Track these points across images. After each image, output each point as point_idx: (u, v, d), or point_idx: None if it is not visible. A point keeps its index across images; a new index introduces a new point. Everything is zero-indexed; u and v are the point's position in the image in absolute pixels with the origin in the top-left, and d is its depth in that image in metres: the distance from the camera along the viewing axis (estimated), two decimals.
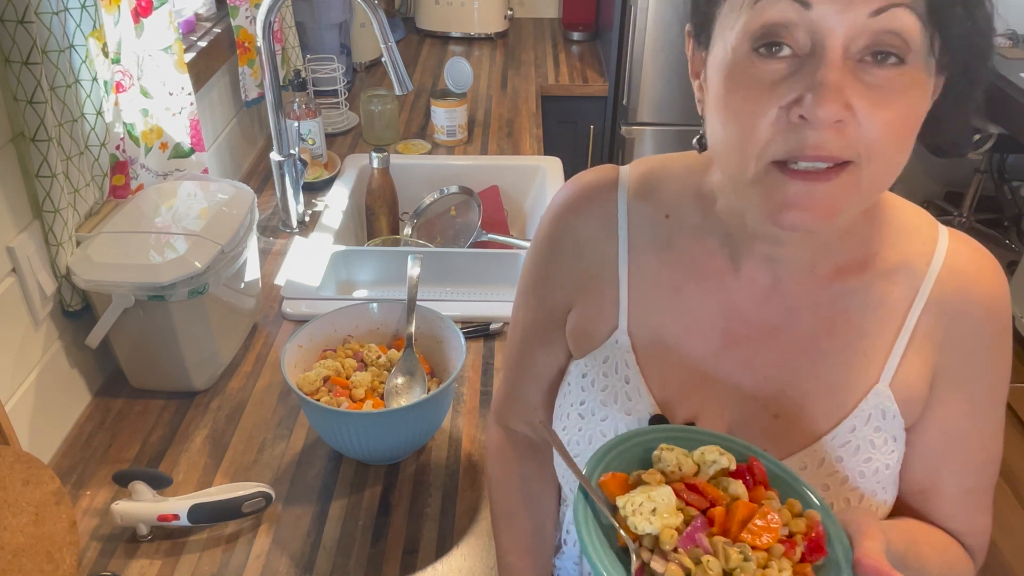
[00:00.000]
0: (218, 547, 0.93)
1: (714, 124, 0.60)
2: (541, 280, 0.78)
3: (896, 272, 0.67)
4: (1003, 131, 2.87)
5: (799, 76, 0.53)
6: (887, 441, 0.67)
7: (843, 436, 0.67)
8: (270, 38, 1.39)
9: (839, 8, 0.52)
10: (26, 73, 0.94)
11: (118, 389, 1.16)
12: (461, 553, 0.93)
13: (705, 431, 0.65)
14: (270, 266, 1.45)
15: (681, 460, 0.59)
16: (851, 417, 0.67)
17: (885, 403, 0.67)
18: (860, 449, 0.67)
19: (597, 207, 0.73)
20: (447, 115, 1.89)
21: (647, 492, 0.56)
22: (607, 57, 2.42)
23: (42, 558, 0.83)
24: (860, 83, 0.53)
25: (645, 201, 0.72)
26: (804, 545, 0.55)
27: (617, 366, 0.72)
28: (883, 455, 0.67)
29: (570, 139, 2.46)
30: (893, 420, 0.67)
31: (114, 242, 1.07)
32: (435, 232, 1.71)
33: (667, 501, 0.55)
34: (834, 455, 0.67)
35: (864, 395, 0.67)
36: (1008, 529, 2.24)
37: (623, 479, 0.59)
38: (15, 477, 0.84)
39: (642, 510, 0.54)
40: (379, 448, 1.00)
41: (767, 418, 0.69)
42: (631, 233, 0.72)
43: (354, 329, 1.10)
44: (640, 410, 0.71)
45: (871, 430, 0.67)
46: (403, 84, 1.38)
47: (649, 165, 0.75)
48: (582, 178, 0.76)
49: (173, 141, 1.32)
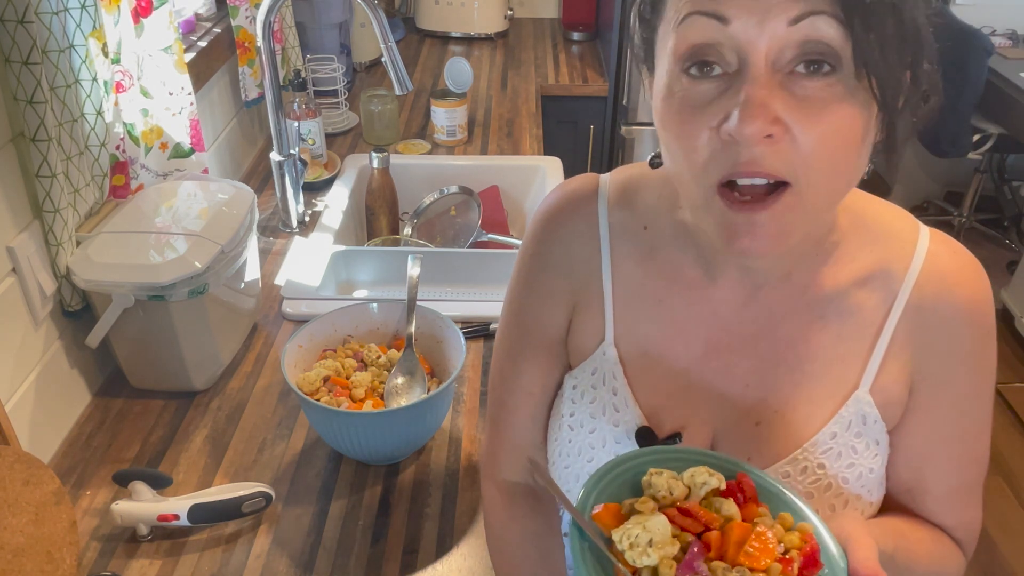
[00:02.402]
0: (218, 547, 0.93)
1: (663, 148, 0.60)
2: (529, 297, 0.77)
3: (873, 278, 0.66)
4: (1003, 131, 2.87)
5: (728, 95, 0.53)
6: (869, 446, 0.67)
7: (824, 443, 0.66)
8: (270, 38, 1.39)
9: (757, 20, 0.51)
10: (26, 73, 0.94)
11: (118, 389, 1.16)
12: (461, 553, 0.93)
13: (690, 449, 0.65)
14: (270, 266, 1.45)
15: (671, 484, 0.59)
16: (832, 423, 0.66)
17: (865, 408, 0.66)
18: (842, 455, 0.67)
19: (581, 217, 0.73)
20: (447, 115, 1.89)
21: (642, 523, 0.55)
22: (607, 57, 2.42)
23: (42, 558, 0.83)
24: (791, 96, 0.52)
25: (624, 212, 0.72)
26: (800, 560, 0.55)
27: (605, 378, 0.72)
28: (866, 460, 0.67)
29: (570, 139, 2.46)
30: (875, 425, 0.67)
31: (114, 242, 1.07)
32: (435, 232, 1.71)
33: (663, 530, 0.55)
34: (816, 462, 0.67)
35: (844, 401, 0.66)
36: (1008, 529, 2.24)
37: (616, 510, 0.58)
38: (15, 477, 0.84)
39: (638, 542, 0.54)
40: (379, 448, 1.00)
41: (749, 426, 0.68)
42: (613, 244, 0.72)
43: (354, 329, 1.10)
44: (628, 421, 0.71)
45: (852, 436, 0.67)
46: (403, 84, 1.38)
47: (628, 174, 0.75)
48: (566, 187, 0.76)
49: (173, 141, 1.32)
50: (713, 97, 0.54)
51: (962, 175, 3.44)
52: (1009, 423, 2.57)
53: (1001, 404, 2.62)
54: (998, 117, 2.87)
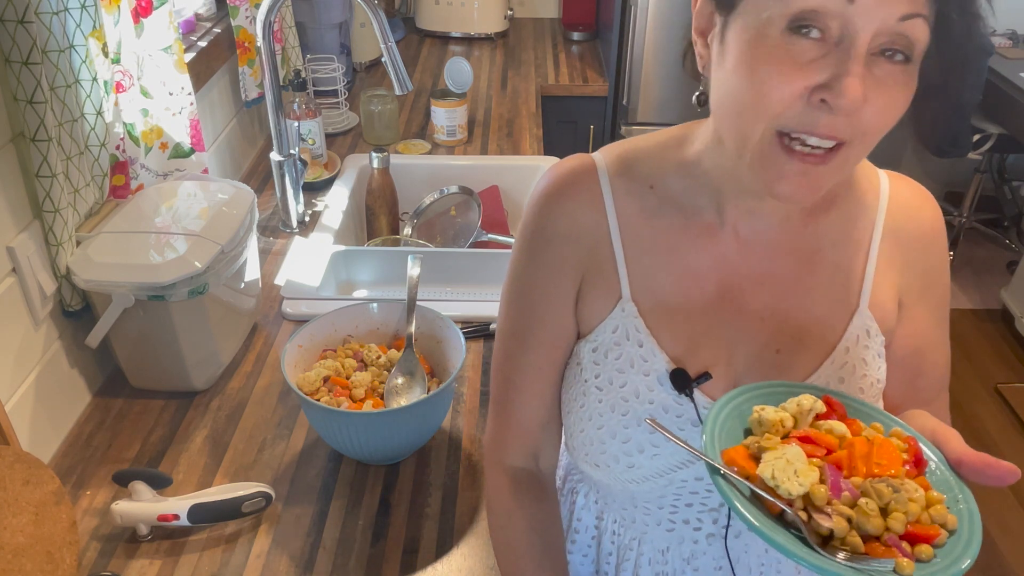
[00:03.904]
0: (218, 547, 0.93)
1: (727, 85, 0.63)
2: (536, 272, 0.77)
3: (854, 208, 0.75)
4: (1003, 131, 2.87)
5: (827, 60, 0.57)
6: (875, 358, 0.75)
7: (840, 358, 0.74)
8: (270, 38, 1.40)
9: (876, 5, 0.56)
10: (26, 73, 0.94)
11: (118, 389, 1.16)
12: (461, 553, 0.93)
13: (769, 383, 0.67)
14: (270, 266, 1.45)
15: (781, 416, 0.62)
16: (843, 340, 0.74)
17: (868, 323, 0.75)
18: (856, 368, 0.74)
19: (582, 189, 0.75)
20: (447, 115, 1.89)
21: (781, 455, 0.57)
22: (607, 57, 2.42)
23: (42, 558, 0.83)
24: (870, 75, 0.57)
25: (627, 177, 0.76)
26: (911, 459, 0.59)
27: (628, 333, 0.75)
28: (874, 371, 0.75)
29: (570, 139, 2.46)
30: (876, 338, 0.75)
31: (114, 242, 1.07)
32: (435, 232, 1.71)
33: (802, 459, 0.57)
34: (836, 376, 0.74)
35: (850, 319, 0.74)
36: (1008, 529, 2.24)
37: (743, 451, 0.60)
38: (15, 477, 0.84)
39: (785, 473, 0.56)
40: (379, 448, 1.00)
41: (771, 354, 0.74)
42: (618, 207, 0.75)
43: (354, 329, 1.10)
44: (658, 369, 0.74)
45: (862, 348, 0.74)
46: (403, 84, 1.38)
47: (622, 147, 0.78)
48: (560, 166, 0.78)
49: (173, 141, 1.32)
50: (812, 58, 0.58)
51: (962, 175, 3.44)
52: (1009, 423, 2.57)
53: (1001, 404, 2.62)
54: (998, 117, 2.87)
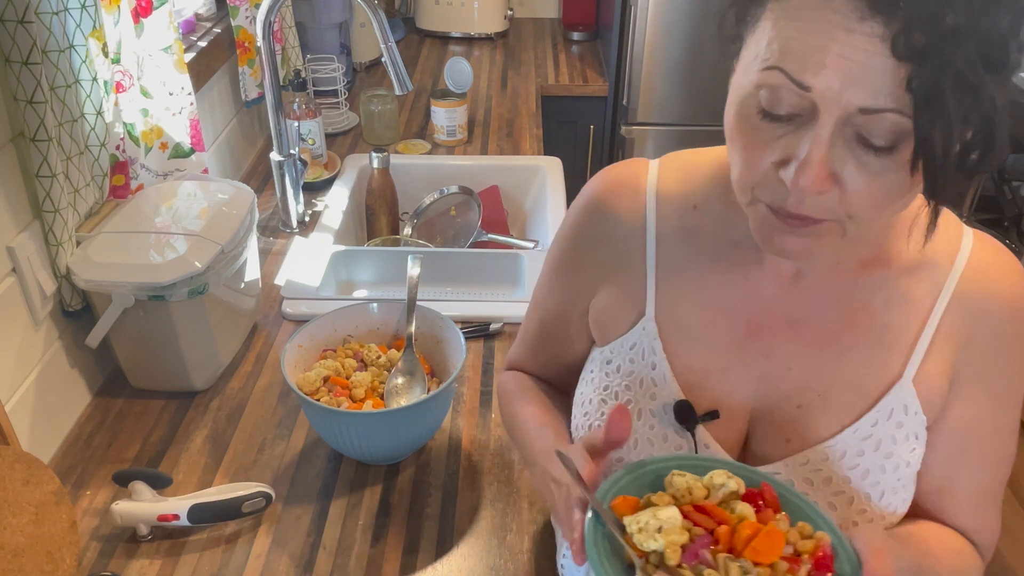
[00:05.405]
0: (218, 547, 0.93)
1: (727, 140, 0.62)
2: (567, 265, 0.80)
3: (920, 268, 0.67)
4: None
5: (793, 137, 0.55)
6: (908, 438, 0.67)
7: (865, 430, 0.67)
8: (270, 38, 1.39)
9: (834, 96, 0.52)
10: (26, 73, 0.94)
11: (118, 389, 1.16)
12: (461, 553, 0.93)
13: (721, 459, 0.67)
14: (270, 266, 1.45)
15: (692, 484, 0.61)
16: (873, 411, 0.67)
17: (908, 399, 0.67)
18: (881, 444, 0.67)
19: (626, 198, 0.75)
20: (447, 115, 1.89)
21: (654, 512, 0.58)
22: (607, 57, 2.42)
23: (42, 558, 0.83)
24: (851, 156, 0.54)
25: (674, 192, 0.74)
26: (811, 564, 0.56)
27: (644, 352, 0.73)
28: (904, 452, 0.67)
29: (570, 139, 2.46)
30: (915, 416, 0.67)
31: (114, 242, 1.07)
32: (435, 232, 1.71)
33: (673, 520, 0.57)
34: (855, 448, 0.67)
35: (887, 390, 0.67)
36: (1008, 530, 2.24)
37: (634, 502, 0.61)
38: (15, 477, 0.84)
39: (648, 528, 0.56)
40: (379, 448, 1.00)
41: (790, 408, 0.69)
42: (659, 224, 0.73)
43: (354, 329, 1.10)
44: (665, 395, 0.71)
45: (893, 425, 0.67)
46: (403, 84, 1.38)
47: (682, 159, 0.77)
48: (612, 170, 0.77)
49: (173, 141, 1.32)
50: (781, 134, 0.56)
51: None
52: None
53: None
54: None
